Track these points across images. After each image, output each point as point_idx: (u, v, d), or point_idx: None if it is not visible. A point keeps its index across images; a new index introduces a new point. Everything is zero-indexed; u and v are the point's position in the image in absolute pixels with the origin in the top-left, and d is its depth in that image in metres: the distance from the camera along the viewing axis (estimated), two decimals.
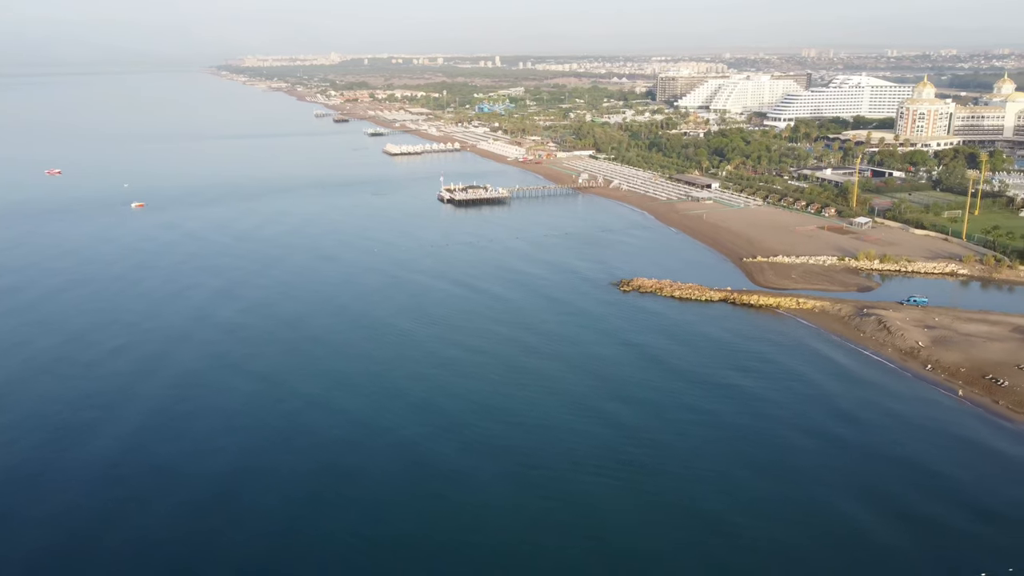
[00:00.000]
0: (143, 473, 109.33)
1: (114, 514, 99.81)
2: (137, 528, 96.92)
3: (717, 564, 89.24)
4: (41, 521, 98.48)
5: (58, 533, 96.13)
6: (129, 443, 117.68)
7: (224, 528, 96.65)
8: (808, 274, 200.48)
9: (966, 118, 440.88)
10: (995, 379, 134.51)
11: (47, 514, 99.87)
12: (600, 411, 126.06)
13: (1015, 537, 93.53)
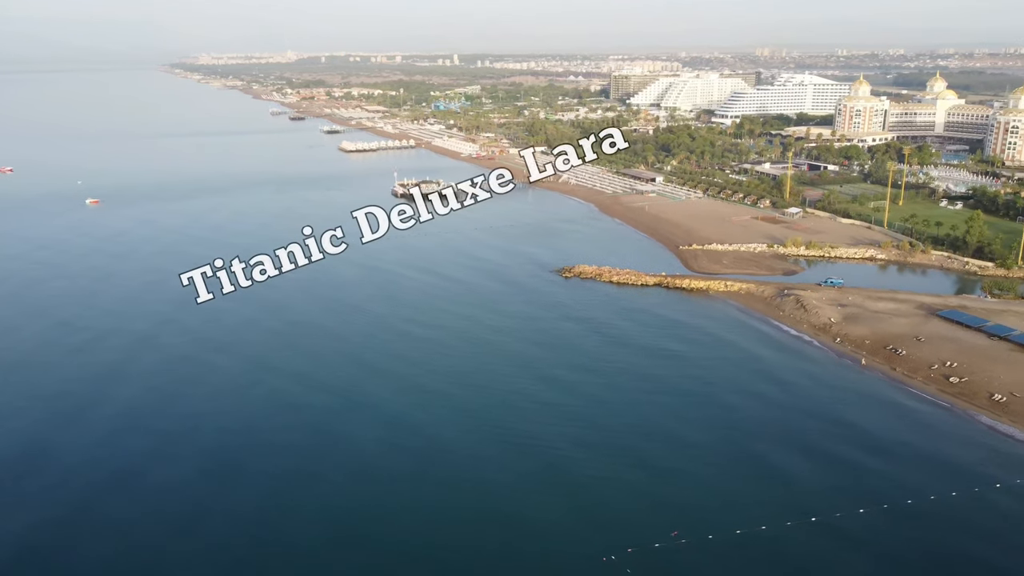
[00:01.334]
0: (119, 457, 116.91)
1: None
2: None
3: (663, 502, 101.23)
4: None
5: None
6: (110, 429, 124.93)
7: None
8: (739, 260, 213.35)
9: (900, 115, 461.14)
10: (895, 349, 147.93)
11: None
12: (550, 377, 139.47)
13: (908, 471, 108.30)
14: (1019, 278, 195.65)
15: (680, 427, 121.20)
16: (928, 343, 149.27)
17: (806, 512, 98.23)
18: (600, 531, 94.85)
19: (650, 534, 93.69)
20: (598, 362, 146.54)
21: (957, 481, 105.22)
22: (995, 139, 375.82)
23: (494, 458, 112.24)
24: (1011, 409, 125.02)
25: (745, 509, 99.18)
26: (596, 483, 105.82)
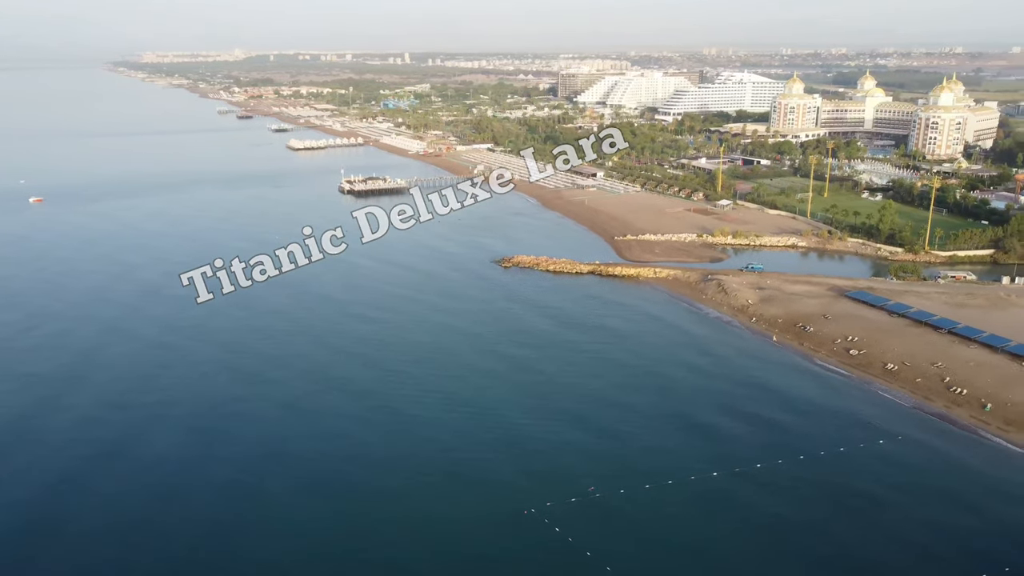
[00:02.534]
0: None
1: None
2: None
3: (593, 460, 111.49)
4: None
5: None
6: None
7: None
8: (670, 249, 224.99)
9: (832, 112, 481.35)
10: (804, 327, 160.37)
11: None
12: (496, 352, 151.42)
13: (814, 429, 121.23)
14: (925, 262, 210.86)
15: (613, 392, 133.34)
16: (835, 321, 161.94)
17: (730, 464, 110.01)
18: (528, 487, 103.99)
19: (572, 489, 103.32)
20: (536, 338, 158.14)
21: (854, 437, 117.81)
22: (917, 134, 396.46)
23: (440, 421, 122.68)
24: (901, 376, 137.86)
25: (675, 463, 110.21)
26: (531, 444, 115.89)
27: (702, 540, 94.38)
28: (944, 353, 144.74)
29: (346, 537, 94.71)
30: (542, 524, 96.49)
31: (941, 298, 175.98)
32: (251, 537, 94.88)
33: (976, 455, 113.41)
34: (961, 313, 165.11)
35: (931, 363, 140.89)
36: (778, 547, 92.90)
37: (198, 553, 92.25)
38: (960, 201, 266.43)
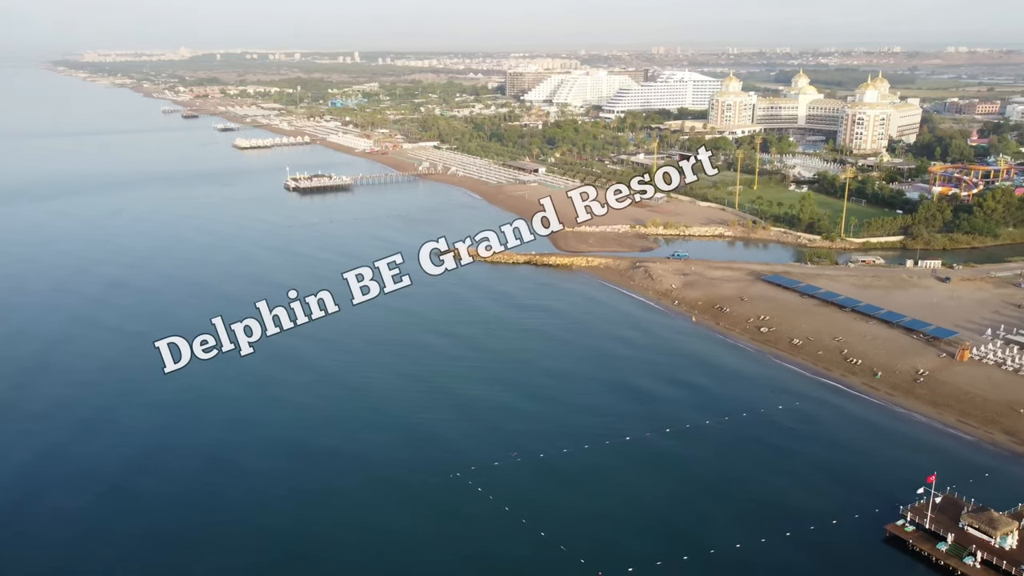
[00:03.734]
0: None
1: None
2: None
3: (528, 426, 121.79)
4: None
5: None
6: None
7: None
8: (604, 240, 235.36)
9: (767, 108, 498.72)
10: (721, 308, 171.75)
11: None
12: (444, 331, 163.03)
13: (726, 397, 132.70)
14: (840, 248, 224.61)
15: (547, 363, 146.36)
16: (750, 302, 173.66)
17: (672, 424, 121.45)
18: (457, 453, 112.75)
19: (497, 454, 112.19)
20: (478, 317, 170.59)
21: (765, 401, 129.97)
22: (845, 130, 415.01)
23: (380, 392, 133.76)
24: (804, 350, 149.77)
25: (609, 425, 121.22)
26: (468, 413, 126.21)
27: (629, 491, 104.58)
28: (845, 329, 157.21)
29: (278, 497, 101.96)
30: (466, 486, 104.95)
31: (849, 280, 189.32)
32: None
33: (865, 414, 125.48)
34: (866, 293, 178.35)
35: (832, 338, 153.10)
36: (703, 492, 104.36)
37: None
38: (878, 192, 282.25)
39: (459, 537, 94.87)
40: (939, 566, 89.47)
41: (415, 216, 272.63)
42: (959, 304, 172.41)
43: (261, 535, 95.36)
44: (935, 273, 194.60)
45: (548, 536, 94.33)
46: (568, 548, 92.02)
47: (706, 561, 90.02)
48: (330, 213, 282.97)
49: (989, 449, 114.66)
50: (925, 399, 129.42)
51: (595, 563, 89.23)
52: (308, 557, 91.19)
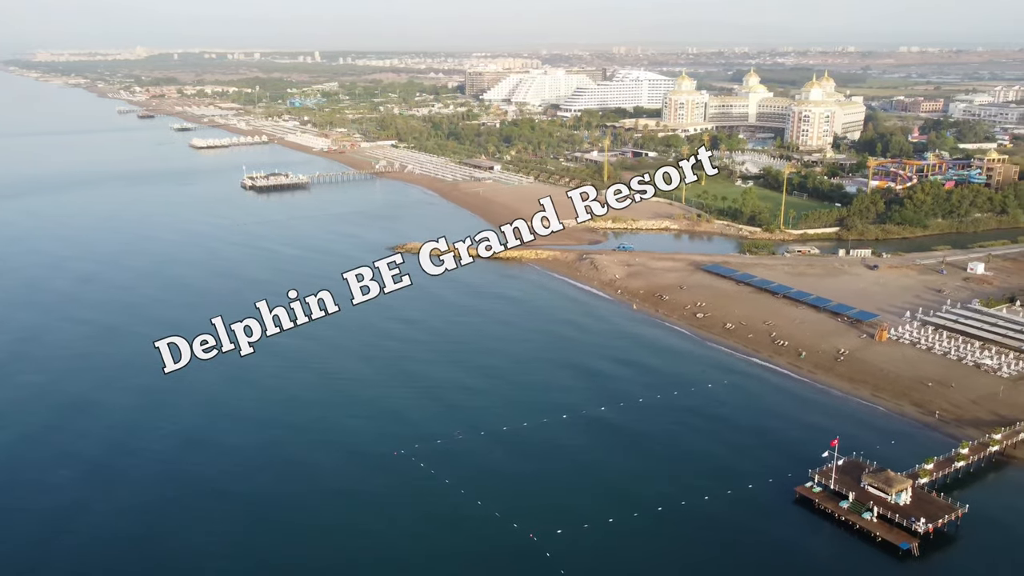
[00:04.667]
0: None
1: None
2: None
3: (496, 401, 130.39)
4: None
5: None
6: None
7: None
8: (554, 234, 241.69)
9: (719, 107, 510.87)
10: (661, 296, 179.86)
11: None
12: (400, 317, 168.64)
13: (663, 375, 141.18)
14: (779, 239, 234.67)
15: (495, 347, 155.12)
16: (688, 290, 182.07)
17: (611, 401, 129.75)
18: (403, 432, 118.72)
19: (442, 432, 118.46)
20: (434, 306, 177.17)
21: (696, 379, 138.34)
22: (792, 127, 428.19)
23: (330, 373, 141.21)
24: (736, 333, 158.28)
25: (549, 407, 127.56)
26: (420, 393, 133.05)
27: (566, 461, 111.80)
28: (775, 313, 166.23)
29: (237, 471, 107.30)
30: (409, 462, 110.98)
31: (784, 269, 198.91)
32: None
33: (787, 390, 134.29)
34: (799, 281, 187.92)
35: (763, 322, 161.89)
36: (645, 456, 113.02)
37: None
38: (818, 186, 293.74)
39: (397, 505, 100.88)
40: (841, 522, 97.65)
41: (372, 213, 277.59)
42: (884, 289, 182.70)
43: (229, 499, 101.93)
44: (864, 261, 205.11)
45: (485, 504, 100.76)
46: (503, 514, 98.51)
47: (628, 522, 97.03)
48: (289, 211, 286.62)
49: (898, 419, 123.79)
50: (844, 376, 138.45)
51: (528, 526, 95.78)
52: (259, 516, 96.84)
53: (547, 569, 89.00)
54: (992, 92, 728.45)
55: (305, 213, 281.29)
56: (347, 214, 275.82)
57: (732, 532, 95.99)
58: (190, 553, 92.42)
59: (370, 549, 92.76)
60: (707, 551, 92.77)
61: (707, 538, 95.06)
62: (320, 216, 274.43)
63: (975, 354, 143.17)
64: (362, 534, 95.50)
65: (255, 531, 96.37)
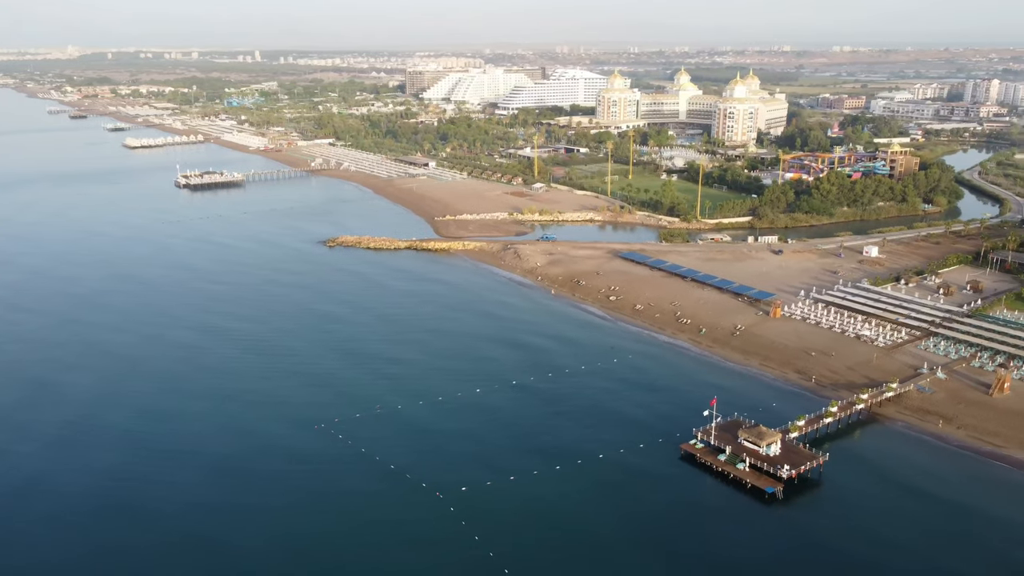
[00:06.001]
0: None
1: None
2: None
3: (394, 385, 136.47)
4: None
5: None
6: None
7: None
8: (483, 226, 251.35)
9: (650, 104, 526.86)
10: (578, 281, 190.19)
11: None
12: (337, 299, 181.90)
13: (574, 353, 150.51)
14: (696, 229, 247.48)
15: (425, 332, 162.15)
16: (604, 276, 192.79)
17: (524, 377, 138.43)
18: (325, 408, 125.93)
19: (360, 408, 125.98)
20: (362, 295, 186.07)
21: (604, 355, 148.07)
22: (718, 123, 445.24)
23: (261, 359, 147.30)
24: (644, 314, 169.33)
25: (465, 381, 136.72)
26: (343, 372, 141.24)
27: (477, 430, 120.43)
28: (682, 295, 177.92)
29: (168, 443, 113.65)
30: (328, 434, 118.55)
31: (696, 255, 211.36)
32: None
33: (685, 362, 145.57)
34: (708, 265, 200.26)
35: (670, 303, 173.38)
36: (536, 431, 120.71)
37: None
38: (736, 179, 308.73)
39: (313, 474, 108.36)
40: (719, 473, 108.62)
41: (306, 209, 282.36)
42: (785, 272, 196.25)
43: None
44: (770, 247, 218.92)
45: (397, 468, 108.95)
46: (413, 476, 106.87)
47: (528, 479, 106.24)
48: (218, 208, 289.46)
49: (781, 384, 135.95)
50: (738, 349, 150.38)
51: (436, 486, 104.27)
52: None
53: (453, 525, 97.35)
54: (912, 89, 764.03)
55: (233, 210, 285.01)
56: (281, 210, 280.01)
57: (625, 485, 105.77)
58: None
59: (280, 521, 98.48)
60: (603, 502, 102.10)
61: (602, 492, 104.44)
62: (251, 213, 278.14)
63: (856, 327, 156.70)
64: (270, 509, 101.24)
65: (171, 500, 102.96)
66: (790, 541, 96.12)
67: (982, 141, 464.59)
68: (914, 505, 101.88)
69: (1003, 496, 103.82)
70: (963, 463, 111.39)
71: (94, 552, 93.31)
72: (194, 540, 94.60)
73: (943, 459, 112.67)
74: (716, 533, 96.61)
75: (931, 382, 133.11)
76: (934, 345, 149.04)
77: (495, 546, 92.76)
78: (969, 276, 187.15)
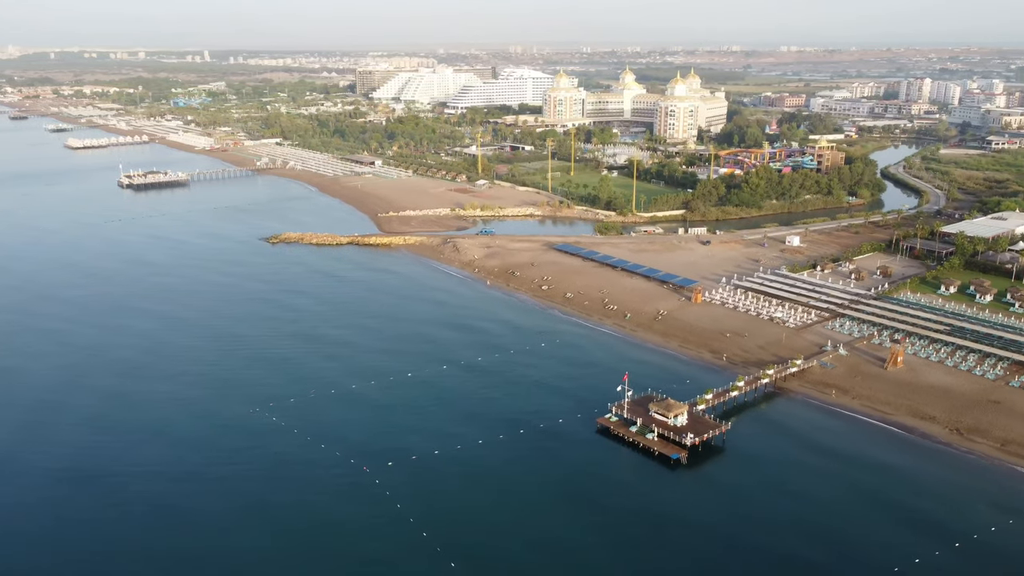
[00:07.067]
0: None
1: None
2: None
3: (353, 361, 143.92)
4: None
5: None
6: None
7: None
8: (425, 222, 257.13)
9: (596, 103, 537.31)
10: (513, 272, 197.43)
11: None
12: (281, 287, 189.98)
13: (510, 336, 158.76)
14: (631, 222, 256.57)
15: (363, 320, 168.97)
16: (538, 267, 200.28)
17: (454, 360, 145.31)
18: (259, 392, 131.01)
19: (293, 392, 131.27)
20: (304, 286, 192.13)
21: (532, 339, 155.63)
22: (660, 121, 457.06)
23: (206, 347, 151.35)
24: (574, 301, 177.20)
25: (406, 364, 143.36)
26: (277, 360, 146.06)
27: (408, 410, 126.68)
28: (611, 284, 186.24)
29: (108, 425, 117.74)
30: (263, 417, 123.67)
31: (628, 246, 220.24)
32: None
33: (607, 344, 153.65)
34: (639, 256, 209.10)
35: (599, 291, 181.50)
36: (475, 403, 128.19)
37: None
38: (674, 174, 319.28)
39: (245, 449, 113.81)
40: (630, 443, 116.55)
41: (249, 207, 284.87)
42: (711, 261, 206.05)
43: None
44: (699, 238, 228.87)
45: (328, 447, 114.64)
46: (342, 453, 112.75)
47: (452, 453, 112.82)
48: (162, 207, 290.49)
49: (696, 363, 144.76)
50: (659, 332, 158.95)
51: (362, 461, 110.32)
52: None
53: (376, 496, 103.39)
54: (851, 88, 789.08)
55: (177, 209, 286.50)
56: (224, 209, 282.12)
57: (542, 456, 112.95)
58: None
59: (215, 491, 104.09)
60: (521, 471, 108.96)
61: (521, 462, 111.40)
62: (194, 211, 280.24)
63: (771, 310, 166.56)
64: (211, 479, 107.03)
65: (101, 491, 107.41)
66: (690, 496, 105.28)
67: (912, 137, 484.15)
68: (805, 463, 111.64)
69: (886, 452, 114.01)
70: (853, 427, 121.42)
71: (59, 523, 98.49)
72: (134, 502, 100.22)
73: (835, 424, 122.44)
74: (624, 492, 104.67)
75: (833, 358, 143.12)
76: (840, 325, 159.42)
77: (415, 513, 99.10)
78: (880, 262, 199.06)
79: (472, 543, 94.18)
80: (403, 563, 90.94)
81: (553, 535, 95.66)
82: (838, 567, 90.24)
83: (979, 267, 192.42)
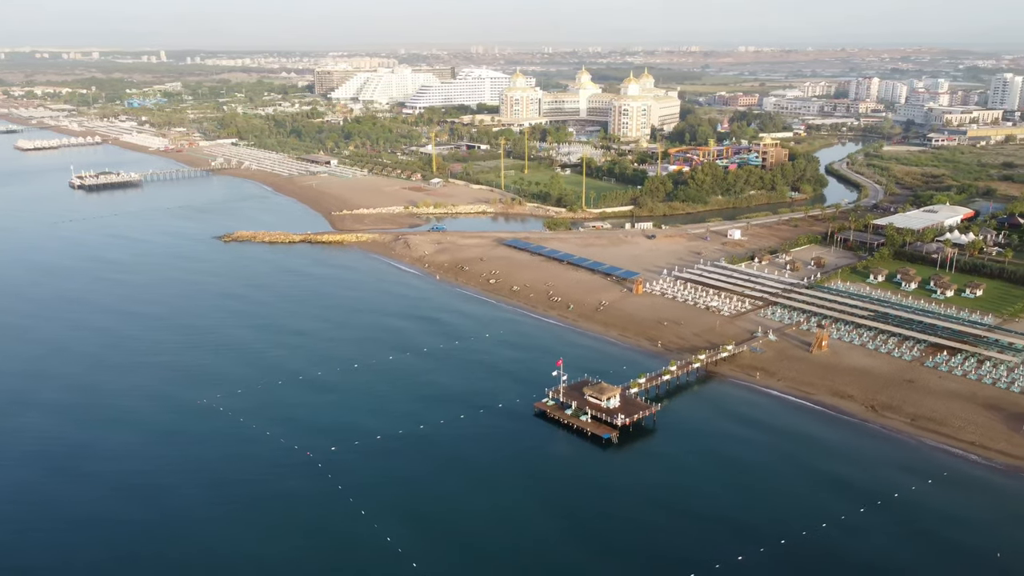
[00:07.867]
0: None
1: None
2: None
3: (306, 352, 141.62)
4: None
5: None
6: None
7: None
8: (379, 219, 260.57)
9: (552, 102, 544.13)
10: (462, 267, 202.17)
11: None
12: (238, 282, 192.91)
13: (461, 326, 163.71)
14: (581, 218, 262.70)
15: (318, 312, 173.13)
16: (488, 261, 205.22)
17: (408, 350, 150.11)
18: (225, 381, 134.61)
19: (256, 380, 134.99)
20: (262, 282, 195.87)
21: (474, 332, 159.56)
22: (614, 120, 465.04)
23: (160, 340, 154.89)
24: (520, 294, 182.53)
25: (370, 351, 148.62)
26: (227, 352, 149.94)
27: (363, 397, 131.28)
28: (557, 277, 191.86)
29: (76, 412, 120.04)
30: (212, 408, 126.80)
31: (576, 241, 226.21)
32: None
33: (550, 333, 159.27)
34: (586, 250, 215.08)
35: (544, 284, 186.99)
36: (418, 391, 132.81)
37: None
38: (624, 171, 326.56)
39: (197, 438, 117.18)
40: (565, 425, 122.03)
41: (204, 207, 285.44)
42: (655, 254, 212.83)
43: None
44: (644, 233, 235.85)
45: (272, 434, 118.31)
46: (287, 440, 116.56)
47: (394, 439, 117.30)
48: (114, 207, 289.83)
49: (632, 350, 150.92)
50: (600, 321, 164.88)
51: (306, 447, 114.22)
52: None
53: (320, 477, 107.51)
54: (803, 87, 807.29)
55: (131, 208, 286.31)
56: (177, 209, 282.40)
57: (479, 440, 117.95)
58: None
59: (162, 476, 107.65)
60: (467, 456, 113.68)
61: (462, 445, 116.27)
62: (148, 211, 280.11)
63: (707, 299, 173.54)
64: (154, 469, 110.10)
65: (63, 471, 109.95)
66: (622, 469, 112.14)
67: (858, 135, 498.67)
68: (731, 434, 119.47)
69: (808, 426, 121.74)
70: (778, 405, 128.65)
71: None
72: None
73: (761, 402, 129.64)
74: (560, 468, 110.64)
75: (763, 343, 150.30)
76: (772, 313, 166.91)
77: (355, 494, 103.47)
78: (815, 254, 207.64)
79: (411, 512, 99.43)
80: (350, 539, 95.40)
81: (492, 504, 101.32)
82: (769, 527, 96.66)
83: (907, 257, 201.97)
